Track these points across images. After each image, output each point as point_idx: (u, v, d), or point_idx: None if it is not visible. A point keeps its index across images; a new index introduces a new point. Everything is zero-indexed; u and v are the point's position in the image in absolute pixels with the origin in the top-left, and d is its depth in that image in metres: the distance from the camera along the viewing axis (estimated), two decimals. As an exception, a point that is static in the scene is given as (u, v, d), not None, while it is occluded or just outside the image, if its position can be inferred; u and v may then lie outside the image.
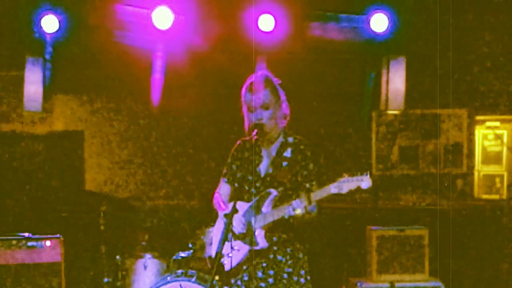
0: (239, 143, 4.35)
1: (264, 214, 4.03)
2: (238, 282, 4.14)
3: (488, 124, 9.40)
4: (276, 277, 4.10)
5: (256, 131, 4.06)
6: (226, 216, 3.88)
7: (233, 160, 4.34)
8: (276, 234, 4.11)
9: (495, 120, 9.35)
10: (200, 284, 5.47)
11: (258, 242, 4.03)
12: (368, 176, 3.78)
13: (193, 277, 5.55)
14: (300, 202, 3.87)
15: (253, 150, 4.22)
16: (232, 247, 4.00)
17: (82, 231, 7.13)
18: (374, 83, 6.90)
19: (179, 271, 5.70)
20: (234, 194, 4.30)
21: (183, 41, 6.54)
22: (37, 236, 5.92)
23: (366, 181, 3.78)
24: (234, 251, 4.03)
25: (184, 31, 6.41)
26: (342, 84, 8.16)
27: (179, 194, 8.67)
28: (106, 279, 6.12)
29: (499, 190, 9.39)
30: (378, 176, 8.70)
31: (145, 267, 5.91)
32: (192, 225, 6.18)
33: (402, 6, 6.55)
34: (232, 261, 4.04)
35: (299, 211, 3.87)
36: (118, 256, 6.01)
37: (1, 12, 6.40)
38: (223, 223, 4.08)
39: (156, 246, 6.15)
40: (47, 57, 6.45)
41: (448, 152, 8.97)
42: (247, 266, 4.12)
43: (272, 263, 4.12)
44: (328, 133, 8.63)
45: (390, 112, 6.86)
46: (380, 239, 6.41)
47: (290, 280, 4.09)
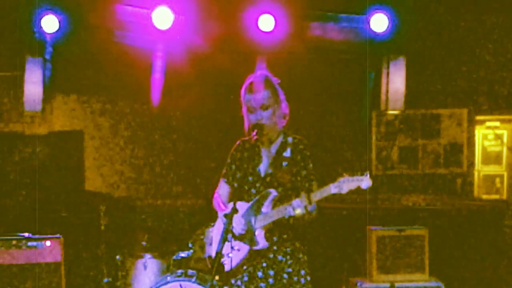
0: (239, 143, 4.35)
1: (264, 214, 4.02)
2: (238, 282, 4.13)
3: (488, 124, 9.41)
4: (276, 277, 4.09)
5: (256, 131, 4.05)
6: (226, 216, 3.87)
7: (232, 160, 4.33)
8: (276, 234, 4.11)
9: (495, 120, 9.36)
10: (200, 284, 5.47)
11: (258, 242, 4.03)
12: (368, 176, 3.77)
13: (193, 277, 5.55)
14: (300, 202, 3.86)
15: (252, 150, 4.22)
16: (232, 247, 4.00)
17: (82, 231, 7.13)
18: (374, 83, 6.90)
19: (179, 271, 5.70)
20: (234, 195, 4.29)
21: (183, 41, 6.54)
22: (37, 236, 5.91)
23: (366, 181, 3.78)
24: (234, 251, 4.02)
25: (184, 31, 6.41)
26: (342, 84, 8.15)
27: (179, 194, 8.68)
28: (106, 279, 6.12)
29: (499, 190, 9.39)
30: (378, 176, 8.70)
31: (145, 267, 5.91)
32: (192, 225, 6.19)
33: (402, 6, 6.56)
34: (232, 261, 4.03)
35: (299, 211, 3.86)
36: (118, 256, 6.02)
37: (1, 12, 6.40)
38: (223, 223, 4.07)
39: (156, 246, 6.14)
40: (47, 57, 6.45)
41: (448, 152, 8.97)
42: (247, 266, 4.11)
43: (272, 263, 4.11)
44: (328, 133, 8.64)
45: (390, 112, 6.86)
46: (380, 239, 6.40)
47: (290, 280, 4.09)
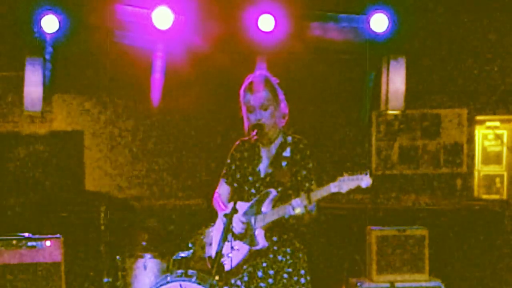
0: (238, 143, 4.35)
1: (264, 214, 4.02)
2: (238, 282, 4.13)
3: (488, 124, 9.41)
4: (276, 277, 4.09)
5: (256, 131, 4.05)
6: (226, 216, 3.87)
7: (232, 160, 4.33)
8: (276, 234, 4.11)
9: (495, 120, 9.36)
10: (200, 284, 5.47)
11: (258, 242, 4.02)
12: (368, 175, 3.77)
13: (193, 277, 5.55)
14: (300, 201, 3.86)
15: (252, 150, 4.22)
16: (232, 247, 4.00)
17: (82, 231, 7.13)
18: (374, 83, 6.90)
19: (179, 271, 5.70)
20: (234, 194, 4.30)
21: (183, 41, 6.54)
22: (37, 236, 5.91)
23: (366, 180, 3.77)
24: (234, 251, 4.02)
25: (184, 31, 6.41)
26: (342, 84, 8.15)
27: (179, 194, 8.67)
28: (106, 279, 6.12)
29: (499, 190, 9.39)
30: (378, 176, 8.70)
31: (145, 267, 5.91)
32: (192, 225, 6.18)
33: (402, 6, 6.55)
34: (232, 261, 4.03)
35: (299, 210, 3.86)
36: (118, 256, 6.02)
37: (1, 12, 6.40)
38: (223, 223, 4.07)
39: (156, 246, 6.14)
40: (47, 57, 6.45)
41: (448, 152, 8.97)
42: (247, 266, 4.11)
43: (272, 263, 4.11)
44: (328, 133, 8.63)
45: (390, 112, 6.85)
46: (380, 239, 6.40)
47: (290, 280, 4.09)
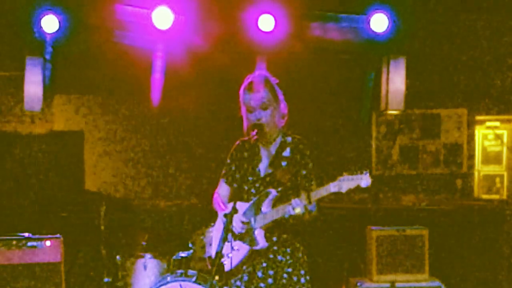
0: (238, 143, 4.35)
1: (264, 214, 4.02)
2: (238, 282, 4.13)
3: (488, 124, 9.40)
4: (276, 277, 4.09)
5: (256, 131, 4.05)
6: (226, 216, 3.86)
7: (232, 160, 4.33)
8: (276, 234, 4.11)
9: (495, 120, 9.35)
10: (200, 284, 5.47)
11: (258, 242, 4.03)
12: (368, 174, 3.77)
13: (193, 277, 5.55)
14: (299, 201, 3.85)
15: (252, 150, 4.22)
16: (232, 247, 4.00)
17: (82, 231, 7.12)
18: (374, 83, 6.90)
19: (179, 271, 5.70)
20: (234, 194, 4.30)
21: (183, 41, 6.53)
22: (37, 236, 5.91)
23: (366, 179, 3.77)
24: (234, 251, 4.02)
25: (184, 31, 6.40)
26: (342, 84, 8.15)
27: (179, 194, 8.67)
28: (106, 279, 6.12)
29: (499, 190, 9.39)
30: (378, 176, 8.70)
31: (145, 267, 5.91)
32: (192, 225, 6.19)
33: (402, 6, 6.55)
34: (232, 261, 4.03)
35: (298, 210, 3.86)
36: (118, 256, 6.01)
37: (1, 12, 6.40)
38: (223, 223, 4.07)
39: (156, 246, 6.14)
40: (47, 57, 6.45)
41: (448, 152, 8.97)
42: (247, 266, 4.11)
43: (272, 263, 4.11)
44: (328, 133, 8.63)
45: (390, 112, 6.84)
46: (380, 239, 6.40)
47: (290, 280, 4.09)
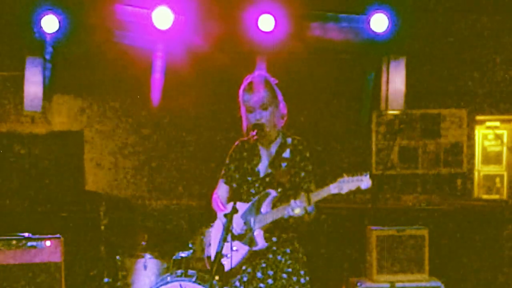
0: (237, 143, 4.34)
1: (263, 214, 4.02)
2: (237, 283, 4.13)
3: (488, 124, 9.41)
4: (276, 277, 4.09)
5: (256, 131, 4.05)
6: (226, 216, 3.85)
7: (231, 160, 4.33)
8: (276, 234, 4.11)
9: (495, 120, 9.36)
10: (200, 284, 5.47)
11: (258, 242, 4.02)
12: (368, 176, 3.76)
13: (193, 277, 5.55)
14: (299, 202, 3.85)
15: (252, 150, 4.21)
16: (231, 248, 3.99)
17: (82, 231, 7.13)
18: (374, 83, 6.90)
19: (179, 271, 5.70)
20: (233, 195, 4.29)
21: (183, 41, 6.54)
22: (37, 236, 5.91)
23: (366, 181, 3.76)
24: (233, 251, 4.02)
25: (184, 31, 6.41)
26: (342, 84, 8.15)
27: (179, 194, 8.67)
28: (106, 279, 6.12)
29: (499, 190, 9.39)
30: (378, 176, 8.70)
31: (145, 267, 5.91)
32: (192, 225, 6.18)
33: (402, 6, 6.55)
34: (231, 261, 4.03)
35: (298, 211, 3.86)
36: (118, 256, 6.01)
37: (1, 12, 6.40)
38: (222, 223, 4.07)
39: (156, 246, 6.14)
40: (47, 57, 6.45)
41: (448, 152, 8.97)
42: (246, 267, 4.11)
43: (272, 264, 4.10)
44: (328, 133, 8.63)
45: (390, 112, 6.85)
46: (380, 239, 6.39)
47: (290, 281, 4.08)
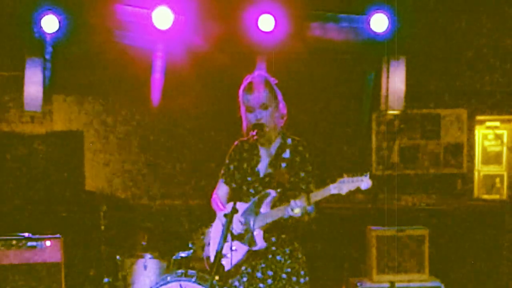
0: (237, 143, 4.35)
1: (263, 214, 4.02)
2: (236, 283, 4.13)
3: (488, 124, 9.41)
4: (275, 277, 4.08)
5: (256, 131, 4.05)
6: (226, 216, 3.85)
7: (230, 160, 4.33)
8: (275, 234, 4.11)
9: (495, 120, 9.36)
10: (200, 284, 5.47)
11: (257, 242, 4.02)
12: (368, 177, 3.76)
13: (193, 277, 5.55)
14: (299, 202, 3.85)
15: (251, 150, 4.21)
16: (231, 248, 3.99)
17: (82, 231, 7.13)
18: (374, 83, 6.90)
19: (179, 271, 5.70)
20: (233, 195, 4.29)
21: (183, 41, 6.54)
22: (37, 236, 5.92)
23: (366, 181, 3.76)
24: (233, 251, 4.02)
25: (184, 31, 6.40)
26: (342, 84, 8.15)
27: (179, 194, 8.67)
28: (106, 279, 6.12)
29: (499, 190, 9.39)
30: (378, 176, 8.70)
31: (145, 267, 5.91)
32: (192, 225, 6.18)
33: (402, 6, 6.55)
34: (231, 261, 4.03)
35: (297, 211, 3.85)
36: (118, 256, 6.01)
37: (1, 12, 6.40)
38: (222, 223, 4.07)
39: (156, 246, 6.14)
40: (47, 57, 6.45)
41: (448, 152, 8.98)
42: (245, 267, 4.11)
43: (271, 264, 4.10)
44: (328, 133, 8.63)
45: (390, 112, 6.85)
46: (380, 239, 6.40)
47: (289, 281, 4.08)
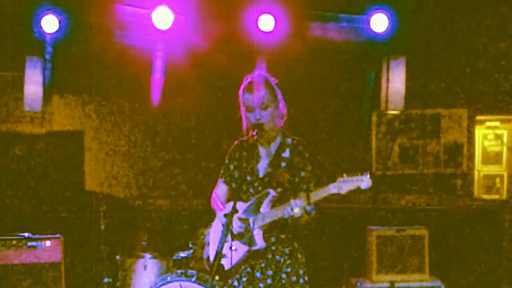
0: (237, 143, 4.35)
1: (263, 214, 4.02)
2: (236, 283, 4.13)
3: (488, 124, 9.40)
4: (275, 277, 4.09)
5: (256, 131, 4.05)
6: (226, 216, 3.86)
7: (230, 160, 4.33)
8: (275, 234, 4.11)
9: (495, 120, 9.35)
10: (200, 284, 5.48)
11: (257, 242, 4.02)
12: (368, 176, 3.76)
13: (193, 277, 5.55)
14: (299, 202, 3.85)
15: (251, 149, 4.22)
16: (230, 248, 3.99)
17: (82, 231, 7.13)
18: (374, 83, 6.90)
19: (179, 271, 5.70)
20: (232, 194, 4.29)
21: (183, 41, 6.53)
22: (37, 236, 5.92)
23: (366, 181, 3.76)
24: (232, 251, 4.02)
25: (184, 31, 6.40)
26: (342, 84, 8.16)
27: (179, 194, 8.67)
28: (106, 279, 6.12)
29: (499, 190, 9.38)
30: (378, 176, 8.70)
31: (145, 267, 5.91)
32: (192, 225, 6.18)
33: (402, 6, 6.55)
34: (230, 261, 4.03)
35: (297, 211, 3.86)
36: (118, 256, 6.02)
37: (1, 12, 6.40)
38: (222, 223, 4.07)
39: (156, 246, 6.15)
40: (47, 57, 6.45)
41: (448, 152, 8.97)
42: (245, 267, 4.11)
43: (271, 263, 4.11)
44: (328, 133, 8.63)
45: (390, 112, 6.85)
46: (380, 239, 6.40)
47: (289, 280, 4.08)
